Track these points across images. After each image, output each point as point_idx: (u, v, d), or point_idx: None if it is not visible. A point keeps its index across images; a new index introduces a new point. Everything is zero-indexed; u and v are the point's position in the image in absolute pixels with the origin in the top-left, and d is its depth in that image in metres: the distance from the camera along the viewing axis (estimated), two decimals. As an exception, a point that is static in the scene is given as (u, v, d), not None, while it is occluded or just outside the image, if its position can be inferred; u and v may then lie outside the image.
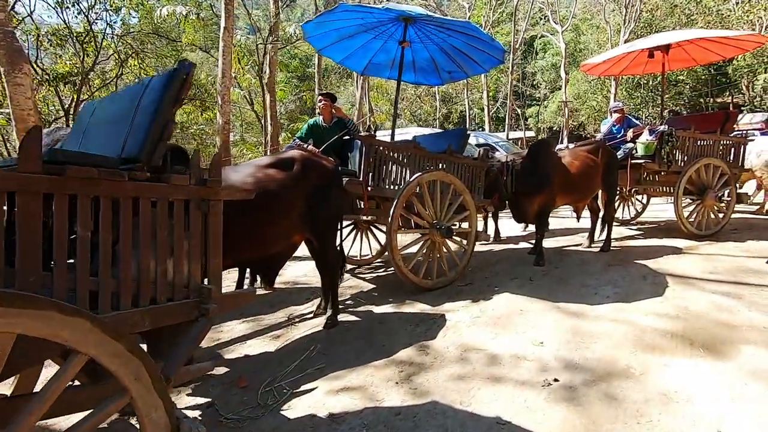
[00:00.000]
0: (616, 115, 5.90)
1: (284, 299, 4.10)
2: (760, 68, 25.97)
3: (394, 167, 3.96)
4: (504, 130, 23.35)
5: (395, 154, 3.94)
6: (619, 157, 5.63)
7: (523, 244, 5.86)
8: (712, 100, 27.04)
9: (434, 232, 3.95)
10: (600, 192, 5.21)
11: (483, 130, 23.58)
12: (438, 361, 2.71)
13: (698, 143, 5.62)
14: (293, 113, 17.43)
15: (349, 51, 5.01)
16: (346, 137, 4.12)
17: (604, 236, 5.20)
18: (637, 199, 7.09)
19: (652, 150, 5.42)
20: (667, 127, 5.36)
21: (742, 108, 23.04)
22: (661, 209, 7.88)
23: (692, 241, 5.35)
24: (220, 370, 2.78)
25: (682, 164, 5.52)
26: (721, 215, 5.65)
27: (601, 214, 5.37)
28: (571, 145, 5.80)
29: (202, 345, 3.18)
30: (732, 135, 5.89)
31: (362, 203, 4.43)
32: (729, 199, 5.72)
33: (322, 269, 3.37)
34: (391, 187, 3.92)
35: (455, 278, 4.17)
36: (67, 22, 14.51)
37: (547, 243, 5.67)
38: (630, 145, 5.64)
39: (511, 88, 22.94)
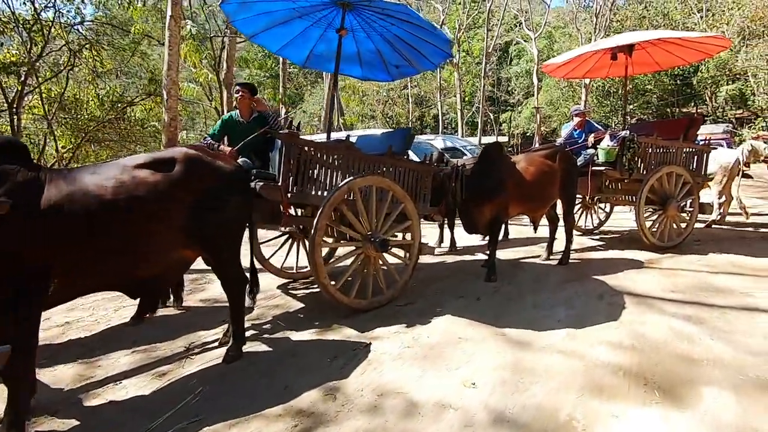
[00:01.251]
0: (577, 119, 5.56)
1: (193, 322, 3.51)
2: (722, 80, 26.83)
3: (322, 170, 3.45)
4: (478, 135, 23.20)
5: (323, 156, 3.43)
6: (579, 163, 5.28)
7: (480, 255, 5.43)
8: (678, 109, 27.79)
9: (368, 245, 3.45)
10: (559, 200, 4.83)
11: (455, 133, 23.38)
12: (345, 410, 2.20)
13: (661, 150, 5.34)
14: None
15: (285, 39, 4.47)
16: (270, 135, 3.57)
17: (563, 247, 4.83)
18: (600, 208, 6.80)
19: (614, 156, 5.10)
20: (628, 132, 5.04)
21: (706, 118, 23.66)
22: (625, 217, 7.64)
23: (654, 253, 5.05)
24: (69, 425, 2.18)
25: (645, 172, 5.22)
26: (683, 225, 5.38)
27: (560, 223, 5.00)
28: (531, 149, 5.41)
29: (64, 386, 2.57)
30: (696, 142, 5.64)
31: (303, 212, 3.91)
32: (692, 209, 5.46)
33: (225, 290, 2.81)
34: (318, 193, 3.40)
35: (394, 297, 3.68)
36: (12, 8, 13.47)
37: (504, 254, 5.28)
38: (591, 150, 5.30)
39: (484, 93, 22.84)
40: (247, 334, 3.14)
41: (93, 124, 15.19)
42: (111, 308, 3.90)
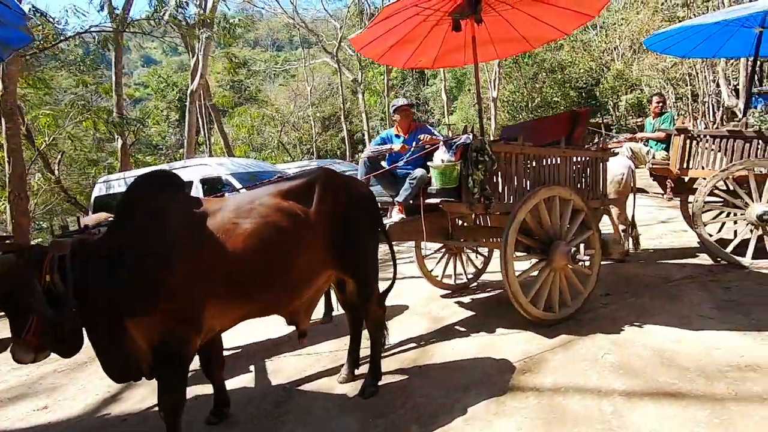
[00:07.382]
0: (396, 117, 3.39)
1: None
2: (621, 90, 27.70)
3: None
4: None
5: None
6: (404, 194, 3.09)
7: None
8: (585, 120, 28.21)
9: None
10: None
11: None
12: None
13: (533, 163, 3.30)
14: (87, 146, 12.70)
15: None
16: None
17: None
18: (475, 250, 4.68)
19: (454, 178, 2.96)
20: (472, 136, 2.93)
21: (612, 127, 23.99)
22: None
23: (539, 334, 2.92)
24: None
25: (510, 200, 3.14)
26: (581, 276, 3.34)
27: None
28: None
29: None
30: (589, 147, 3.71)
31: None
32: (592, 251, 3.44)
33: None
34: None
35: None
36: None
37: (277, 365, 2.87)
38: (419, 171, 3.13)
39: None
40: None
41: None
42: None
